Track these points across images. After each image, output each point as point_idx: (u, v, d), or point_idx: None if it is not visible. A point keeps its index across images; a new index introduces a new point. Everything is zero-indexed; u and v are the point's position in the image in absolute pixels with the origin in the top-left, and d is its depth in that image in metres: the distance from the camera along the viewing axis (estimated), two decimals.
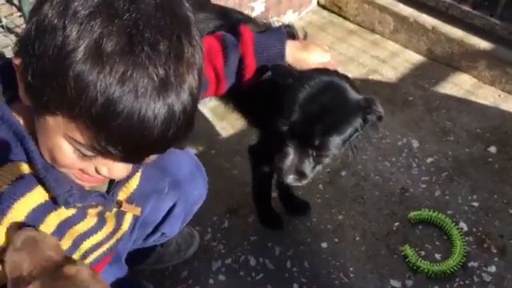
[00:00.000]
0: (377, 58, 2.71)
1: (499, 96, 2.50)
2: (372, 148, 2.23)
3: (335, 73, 1.36)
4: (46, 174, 0.86)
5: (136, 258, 1.50)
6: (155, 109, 0.74)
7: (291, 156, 1.34)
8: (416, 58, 2.71)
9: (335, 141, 1.30)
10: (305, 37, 1.52)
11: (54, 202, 0.91)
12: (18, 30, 2.25)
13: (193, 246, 1.83)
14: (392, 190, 2.08)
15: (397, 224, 1.96)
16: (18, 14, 2.29)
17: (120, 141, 0.76)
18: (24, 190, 0.86)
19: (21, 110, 0.88)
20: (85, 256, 1.09)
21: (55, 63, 0.72)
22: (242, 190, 2.01)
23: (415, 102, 2.47)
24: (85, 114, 0.74)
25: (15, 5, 2.72)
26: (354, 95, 1.32)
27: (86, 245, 1.07)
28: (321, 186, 2.09)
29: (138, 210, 1.14)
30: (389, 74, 2.62)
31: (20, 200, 0.85)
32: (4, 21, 2.21)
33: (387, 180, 2.12)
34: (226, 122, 2.32)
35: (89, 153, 0.80)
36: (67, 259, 0.83)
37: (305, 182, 1.41)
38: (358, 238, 1.91)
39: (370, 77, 2.60)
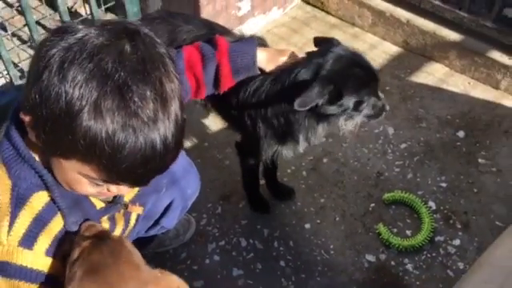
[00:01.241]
0: (357, 51, 2.89)
1: (469, 83, 2.70)
2: (351, 136, 2.44)
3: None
4: (60, 203, 1.06)
5: (140, 244, 1.71)
6: (153, 145, 0.91)
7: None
8: (393, 49, 2.90)
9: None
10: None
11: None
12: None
13: (190, 231, 2.05)
14: (369, 174, 2.29)
15: (372, 205, 2.18)
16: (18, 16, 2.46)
17: (128, 176, 0.95)
18: (48, 219, 1.06)
19: (34, 145, 1.01)
20: None
21: (64, 123, 0.87)
22: (234, 178, 2.22)
23: (392, 91, 2.67)
24: (96, 161, 0.91)
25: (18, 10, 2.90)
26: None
27: None
28: (304, 172, 2.31)
29: (141, 210, 1.36)
30: None
31: (45, 229, 1.05)
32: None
33: (365, 165, 2.33)
34: (216, 116, 2.51)
35: (102, 183, 0.99)
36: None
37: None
38: (337, 219, 2.14)
39: None
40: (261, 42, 1.65)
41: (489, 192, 2.21)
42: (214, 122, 2.49)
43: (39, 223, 1.04)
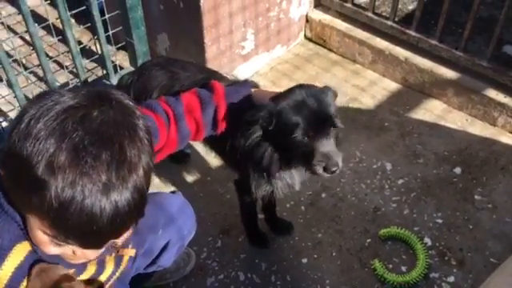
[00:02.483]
0: (357, 87, 2.99)
1: (466, 120, 2.76)
2: (350, 171, 2.51)
3: None
4: (41, 253, 1.12)
5: (142, 278, 1.79)
6: (101, 207, 0.93)
7: (330, 146, 1.55)
8: (392, 85, 2.99)
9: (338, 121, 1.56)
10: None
11: None
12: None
13: (190, 264, 2.12)
14: (366, 210, 2.35)
15: (369, 240, 2.23)
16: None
17: (76, 234, 0.98)
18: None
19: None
20: None
21: (23, 178, 0.93)
22: (234, 212, 2.29)
23: (390, 127, 2.74)
24: (46, 216, 0.94)
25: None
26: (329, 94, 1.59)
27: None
28: (303, 207, 2.37)
29: (132, 252, 1.43)
30: (368, 101, 2.90)
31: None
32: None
33: (362, 200, 2.39)
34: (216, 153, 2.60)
35: (60, 242, 1.02)
36: (66, 277, 1.13)
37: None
38: (334, 254, 2.19)
39: (351, 105, 2.88)
40: (254, 85, 1.75)
41: (484, 229, 2.25)
42: (216, 158, 2.55)
43: (21, 272, 1.10)
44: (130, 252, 1.46)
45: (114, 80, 2.69)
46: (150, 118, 1.45)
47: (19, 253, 1.10)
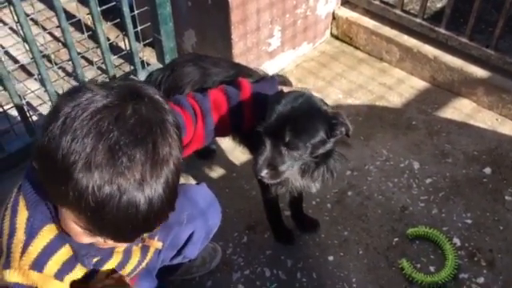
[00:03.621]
0: (384, 85, 2.96)
1: (496, 120, 2.71)
2: (376, 170, 2.49)
3: None
4: (68, 237, 1.16)
5: (167, 271, 1.80)
6: (136, 204, 0.97)
7: (266, 152, 1.53)
8: (420, 84, 2.95)
9: (303, 140, 1.51)
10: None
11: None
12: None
13: (216, 259, 2.12)
14: (393, 209, 2.32)
15: (396, 239, 2.20)
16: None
17: (111, 231, 1.03)
18: (57, 248, 1.17)
19: None
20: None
21: (60, 174, 0.95)
22: (259, 208, 2.27)
23: (418, 126, 2.70)
24: (83, 212, 0.98)
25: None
26: (321, 106, 1.55)
27: (117, 275, 1.37)
28: (329, 205, 2.35)
29: (159, 245, 1.44)
30: (395, 99, 2.87)
31: (54, 256, 1.16)
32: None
33: (389, 199, 2.36)
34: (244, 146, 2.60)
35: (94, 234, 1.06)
36: None
37: (277, 179, 1.58)
38: (361, 252, 2.17)
39: (377, 103, 2.85)
40: (282, 80, 1.74)
41: None
42: (242, 153, 2.57)
43: (49, 251, 1.14)
44: (157, 244, 1.47)
45: (142, 76, 2.72)
46: (177, 113, 1.46)
47: (47, 234, 1.14)
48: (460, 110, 2.78)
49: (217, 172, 2.52)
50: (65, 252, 1.17)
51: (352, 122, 1.58)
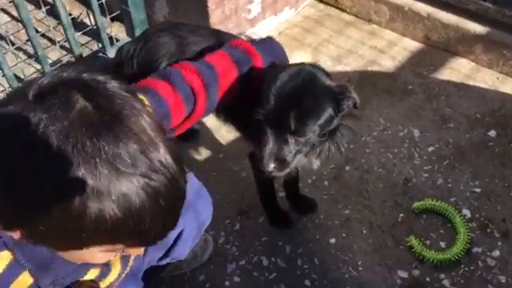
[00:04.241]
0: (375, 49, 2.75)
1: (497, 79, 2.53)
2: (374, 140, 2.30)
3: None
4: (26, 264, 0.96)
5: (156, 270, 1.60)
6: (154, 190, 0.80)
7: (270, 144, 1.38)
8: (414, 45, 2.75)
9: (310, 125, 1.36)
10: None
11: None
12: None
13: (207, 251, 1.93)
14: (395, 182, 2.14)
15: (401, 215, 2.03)
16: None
17: (153, 234, 0.86)
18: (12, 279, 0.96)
19: None
20: None
21: (70, 224, 0.77)
22: (252, 191, 2.08)
23: (415, 90, 2.51)
24: (120, 237, 0.83)
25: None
26: (325, 81, 1.38)
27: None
28: (326, 182, 2.17)
29: (140, 251, 1.23)
30: (387, 63, 2.67)
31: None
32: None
33: (390, 171, 2.18)
34: (230, 124, 2.39)
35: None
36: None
37: (286, 170, 1.44)
38: (364, 232, 1.99)
39: (369, 68, 2.65)
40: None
41: None
42: (228, 132, 2.36)
43: (2, 284, 0.94)
44: (137, 251, 1.26)
45: (111, 53, 2.46)
46: (157, 97, 1.26)
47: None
48: (458, 70, 2.59)
49: (201, 154, 2.31)
50: (24, 281, 0.96)
51: None
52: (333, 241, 1.98)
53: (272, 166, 1.38)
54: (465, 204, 2.04)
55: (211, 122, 2.37)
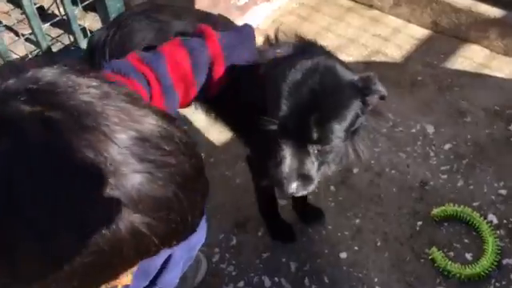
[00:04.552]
0: (378, 37, 2.50)
1: None
2: (384, 139, 2.05)
3: (318, 49, 1.23)
4: None
5: None
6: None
7: (288, 159, 1.15)
8: (421, 32, 2.51)
9: (336, 130, 1.12)
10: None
11: None
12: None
13: (200, 272, 1.68)
14: (410, 185, 1.90)
15: (420, 223, 1.79)
16: None
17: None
18: None
19: None
20: None
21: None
22: (248, 200, 1.84)
23: (425, 81, 2.27)
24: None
25: None
26: (347, 75, 1.15)
27: None
28: (332, 187, 1.92)
29: (128, 279, 0.97)
30: (393, 53, 2.42)
31: None
32: None
33: (404, 174, 1.94)
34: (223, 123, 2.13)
35: None
36: None
37: (311, 187, 1.22)
38: (379, 244, 1.75)
39: (373, 58, 2.40)
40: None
41: None
42: (220, 132, 2.10)
43: None
44: (124, 281, 1.00)
45: (85, 46, 2.17)
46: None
47: None
48: (471, 58, 2.36)
49: None
50: None
51: None
52: (344, 255, 1.73)
53: (295, 185, 1.14)
54: (490, 208, 1.81)
55: (201, 120, 2.11)
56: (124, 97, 0.64)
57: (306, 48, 1.26)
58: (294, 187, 1.15)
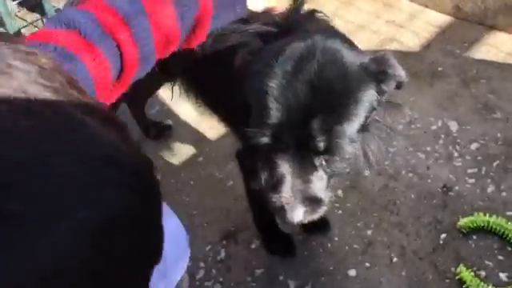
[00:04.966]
0: (393, 23, 2.24)
1: None
2: (400, 136, 1.78)
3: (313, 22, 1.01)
4: None
5: None
6: None
7: (289, 179, 0.89)
8: (440, 18, 2.24)
9: (347, 133, 0.87)
10: None
11: None
12: None
13: None
14: (432, 190, 1.63)
15: (444, 236, 1.51)
16: None
17: None
18: None
19: None
20: None
21: None
22: (241, 206, 1.59)
23: (446, 72, 2.00)
24: None
25: None
26: (354, 57, 0.89)
27: None
28: (340, 191, 1.64)
29: None
30: (409, 41, 2.15)
31: None
32: None
33: (424, 177, 1.66)
34: (215, 119, 1.87)
35: None
36: None
37: (322, 211, 0.96)
38: (395, 260, 1.47)
39: (387, 47, 2.14)
40: None
41: None
42: (211, 128, 1.85)
43: None
44: None
45: None
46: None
47: None
48: (497, 47, 2.08)
49: (176, 157, 1.81)
50: None
51: None
52: (352, 273, 1.46)
53: (301, 212, 0.90)
54: None
55: (189, 113, 1.86)
56: None
57: (294, 23, 1.00)
58: (300, 215, 0.91)
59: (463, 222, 1.51)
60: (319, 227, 1.54)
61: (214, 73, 1.12)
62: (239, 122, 1.20)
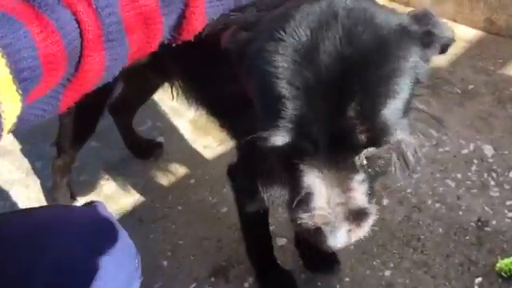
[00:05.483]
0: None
1: None
2: (425, 161, 1.54)
3: None
4: None
5: None
6: None
7: (324, 191, 0.67)
8: (470, 33, 2.03)
9: (395, 114, 0.65)
10: None
11: None
12: None
13: None
14: (463, 225, 1.38)
15: (479, 280, 1.26)
16: None
17: None
18: None
19: None
20: None
21: None
22: (234, 235, 1.38)
23: (479, 91, 1.78)
24: None
25: None
26: (388, 16, 0.68)
27: None
28: None
29: None
30: (436, 57, 1.93)
31: None
32: None
33: (454, 209, 1.42)
34: (211, 137, 1.68)
35: None
36: None
37: (369, 225, 0.72)
38: None
39: None
40: None
41: None
42: (205, 148, 1.66)
43: None
44: None
45: None
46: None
47: None
48: None
49: (164, 178, 1.61)
50: None
51: None
52: None
53: (344, 231, 0.67)
54: None
55: (184, 129, 1.70)
56: None
57: None
58: (344, 235, 0.67)
59: (503, 263, 1.27)
60: (327, 265, 1.30)
61: (211, 65, 0.91)
62: (239, 124, 0.99)
